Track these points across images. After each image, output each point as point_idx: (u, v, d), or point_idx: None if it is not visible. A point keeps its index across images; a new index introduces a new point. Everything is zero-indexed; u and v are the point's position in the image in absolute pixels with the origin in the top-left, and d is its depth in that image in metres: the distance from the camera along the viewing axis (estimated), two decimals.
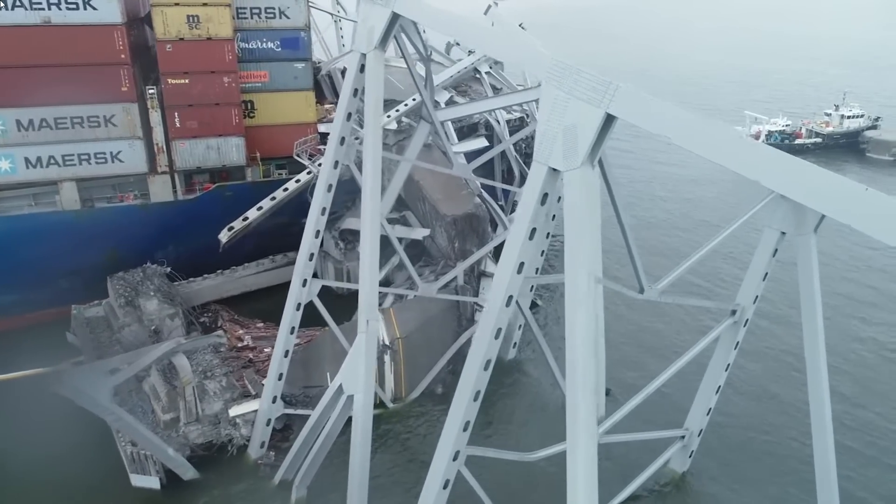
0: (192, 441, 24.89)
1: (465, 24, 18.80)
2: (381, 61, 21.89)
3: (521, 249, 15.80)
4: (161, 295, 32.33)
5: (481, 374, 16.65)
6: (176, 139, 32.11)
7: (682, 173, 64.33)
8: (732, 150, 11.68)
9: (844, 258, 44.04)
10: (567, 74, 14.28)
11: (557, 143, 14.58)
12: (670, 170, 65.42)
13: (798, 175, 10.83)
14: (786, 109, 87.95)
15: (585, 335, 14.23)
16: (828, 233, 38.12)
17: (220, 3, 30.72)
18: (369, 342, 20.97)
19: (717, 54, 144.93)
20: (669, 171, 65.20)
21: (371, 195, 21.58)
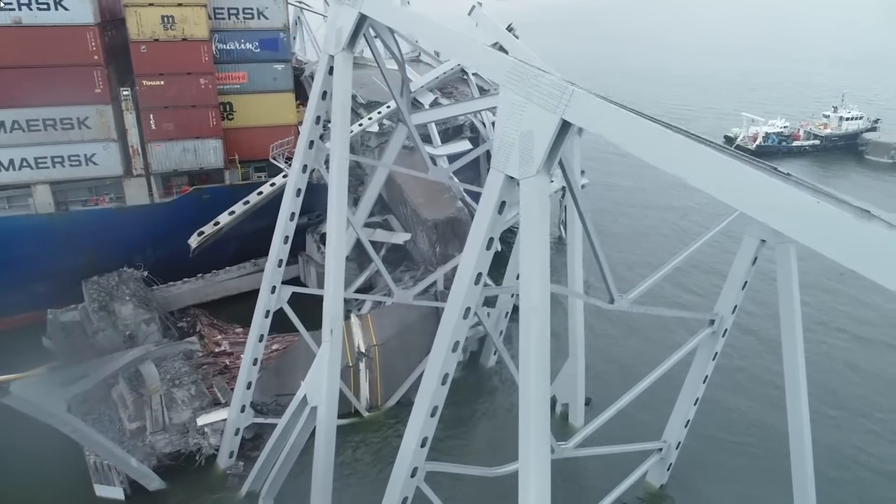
0: (159, 450, 24.33)
1: (428, 26, 18.25)
2: (349, 63, 21.36)
3: (478, 260, 15.23)
4: (136, 300, 31.82)
5: (439, 388, 16.08)
6: (151, 141, 31.58)
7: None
8: (689, 161, 11.01)
9: (827, 267, 43.26)
10: (524, 78, 13.73)
11: (514, 150, 14.03)
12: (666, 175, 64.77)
13: (753, 190, 10.15)
14: (784, 111, 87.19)
15: (538, 348, 13.64)
16: None
17: (196, 3, 30.21)
18: (333, 352, 20.41)
19: (717, 56, 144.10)
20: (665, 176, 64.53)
21: (337, 200, 21.06)
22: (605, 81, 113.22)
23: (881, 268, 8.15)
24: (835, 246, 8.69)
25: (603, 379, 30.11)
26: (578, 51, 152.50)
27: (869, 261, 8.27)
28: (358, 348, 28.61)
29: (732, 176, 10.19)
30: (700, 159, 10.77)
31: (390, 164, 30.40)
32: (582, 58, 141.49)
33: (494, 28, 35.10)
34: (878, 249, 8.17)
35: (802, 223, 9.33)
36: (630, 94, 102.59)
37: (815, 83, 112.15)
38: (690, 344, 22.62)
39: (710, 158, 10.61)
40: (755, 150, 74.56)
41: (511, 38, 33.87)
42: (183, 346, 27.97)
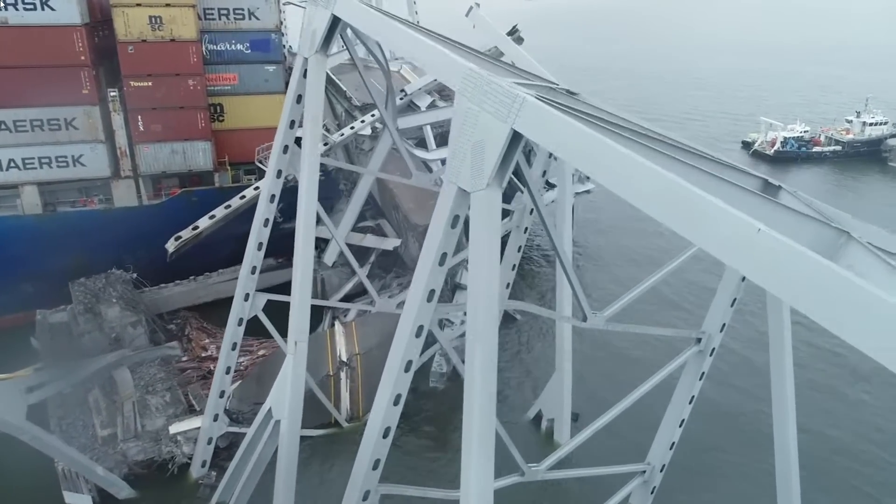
0: (131, 458, 23.97)
1: (392, 30, 17.54)
2: (322, 66, 20.85)
3: (431, 276, 14.46)
4: (123, 302, 31.58)
5: (391, 409, 15.34)
6: (140, 143, 31.32)
7: None
8: (639, 184, 9.97)
9: None
10: (478, 85, 12.92)
11: (466, 161, 13.23)
12: None
13: (700, 218, 9.14)
14: (806, 115, 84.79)
15: (484, 377, 12.80)
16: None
17: (184, 3, 29.85)
18: (297, 366, 19.77)
19: (741, 56, 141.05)
20: None
21: (306, 207, 20.49)
22: (617, 84, 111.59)
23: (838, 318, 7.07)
24: (789, 287, 7.67)
25: (598, 393, 29.07)
26: (600, 51, 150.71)
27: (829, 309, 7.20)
28: (339, 357, 28.00)
29: (680, 202, 9.23)
30: (646, 180, 9.83)
31: (375, 171, 29.90)
32: (603, 58, 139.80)
33: (492, 31, 34.14)
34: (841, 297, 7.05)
35: (745, 258, 8.38)
36: (645, 97, 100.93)
37: (841, 86, 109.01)
38: (676, 363, 21.56)
39: (657, 180, 9.62)
40: (773, 156, 72.56)
41: (509, 42, 32.89)
42: (161, 352, 27.60)
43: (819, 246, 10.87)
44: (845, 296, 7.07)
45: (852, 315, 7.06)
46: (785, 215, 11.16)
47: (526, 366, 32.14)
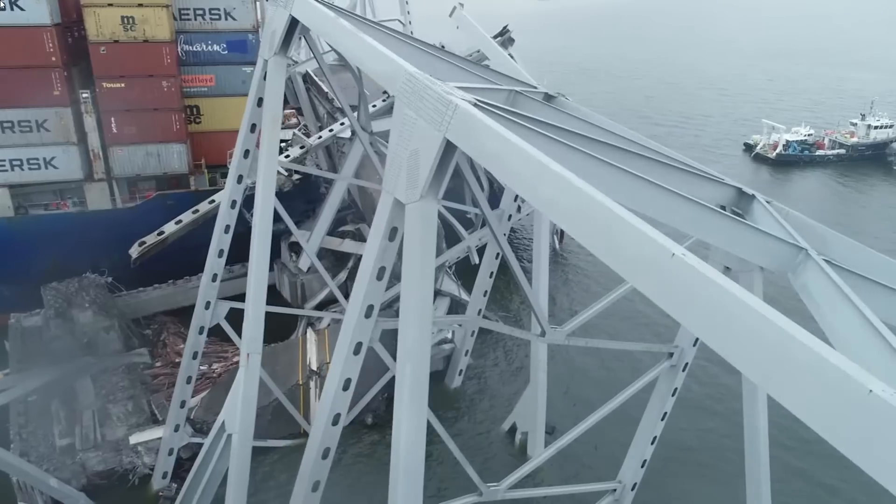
0: (90, 468, 23.42)
1: (340, 31, 16.86)
2: (282, 68, 20.20)
3: (368, 291, 13.74)
4: (96, 306, 31.08)
5: (329, 429, 14.66)
6: (113, 145, 30.80)
7: None
8: (557, 198, 9.12)
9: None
10: (416, 90, 12.19)
11: (403, 170, 12.51)
12: None
13: (614, 240, 8.28)
14: (812, 118, 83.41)
15: (413, 401, 12.07)
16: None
17: (157, 3, 29.30)
18: (249, 378, 19.10)
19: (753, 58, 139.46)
20: None
21: (262, 213, 19.84)
22: (623, 86, 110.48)
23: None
24: (699, 322, 6.86)
25: (577, 405, 28.26)
26: (610, 52, 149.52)
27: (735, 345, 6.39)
28: (309, 366, 27.35)
29: (593, 220, 8.41)
30: (564, 195, 9.02)
31: (348, 177, 29.27)
32: (611, 59, 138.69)
33: (476, 32, 33.32)
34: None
35: (655, 285, 7.56)
36: (649, 100, 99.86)
37: (850, 89, 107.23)
38: (647, 378, 20.78)
39: (573, 195, 8.81)
40: (775, 159, 71.35)
41: (492, 44, 32.05)
42: (126, 359, 27.05)
43: (775, 264, 10.12)
44: (759, 337, 6.24)
45: (765, 358, 6.23)
46: (739, 233, 10.38)
47: (505, 374, 31.37)
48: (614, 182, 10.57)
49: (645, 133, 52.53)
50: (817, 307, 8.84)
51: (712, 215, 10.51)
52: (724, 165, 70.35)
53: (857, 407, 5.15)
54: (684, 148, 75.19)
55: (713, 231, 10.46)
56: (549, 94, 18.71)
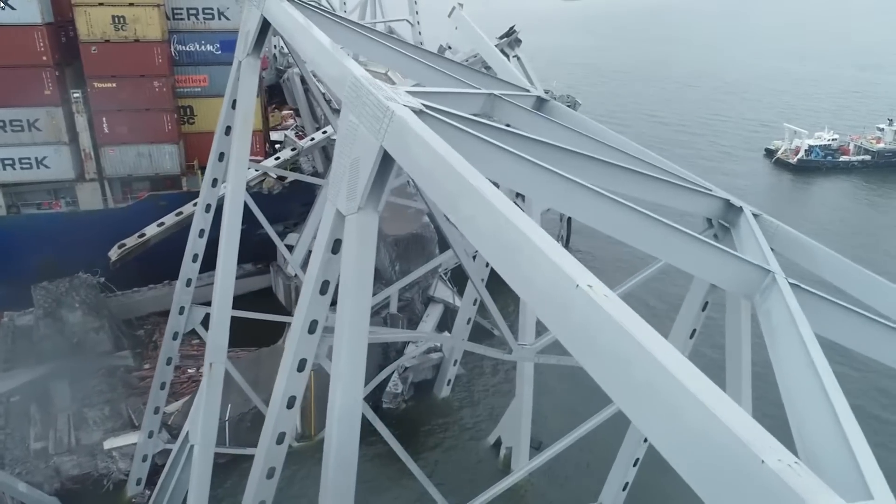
0: (64, 473, 23.17)
1: (303, 35, 16.26)
2: (255, 69, 19.77)
3: (311, 306, 13.04)
4: (86, 307, 30.97)
5: (273, 448, 14.01)
6: (104, 145, 30.67)
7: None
8: (481, 224, 8.17)
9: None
10: (359, 95, 11.48)
11: (344, 180, 11.81)
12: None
13: (521, 267, 7.43)
14: (838, 123, 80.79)
15: (344, 428, 11.38)
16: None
17: (148, 3, 29.06)
18: (211, 389, 18.57)
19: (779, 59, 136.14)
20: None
21: (230, 216, 19.37)
22: (642, 88, 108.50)
23: None
24: (596, 364, 6.05)
25: (567, 419, 27.29)
26: (631, 54, 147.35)
27: None
28: None
29: (504, 244, 7.57)
30: (481, 215, 8.18)
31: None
32: (633, 61, 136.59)
33: (474, 33, 32.46)
34: None
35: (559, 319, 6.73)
36: (668, 103, 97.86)
37: (881, 93, 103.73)
38: None
39: (487, 215, 7.98)
40: (796, 165, 69.13)
41: (489, 47, 31.15)
42: (108, 361, 26.81)
43: (740, 288, 9.27)
44: (651, 388, 5.40)
45: (655, 413, 5.40)
46: (702, 254, 9.49)
47: (496, 384, 30.51)
48: (572, 199, 9.72)
49: (662, 138, 52.32)
50: (770, 337, 8.01)
51: (673, 235, 9.62)
52: (743, 171, 68.50)
53: (745, 479, 4.34)
54: (702, 152, 73.39)
55: (675, 252, 9.60)
56: (541, 97, 17.85)
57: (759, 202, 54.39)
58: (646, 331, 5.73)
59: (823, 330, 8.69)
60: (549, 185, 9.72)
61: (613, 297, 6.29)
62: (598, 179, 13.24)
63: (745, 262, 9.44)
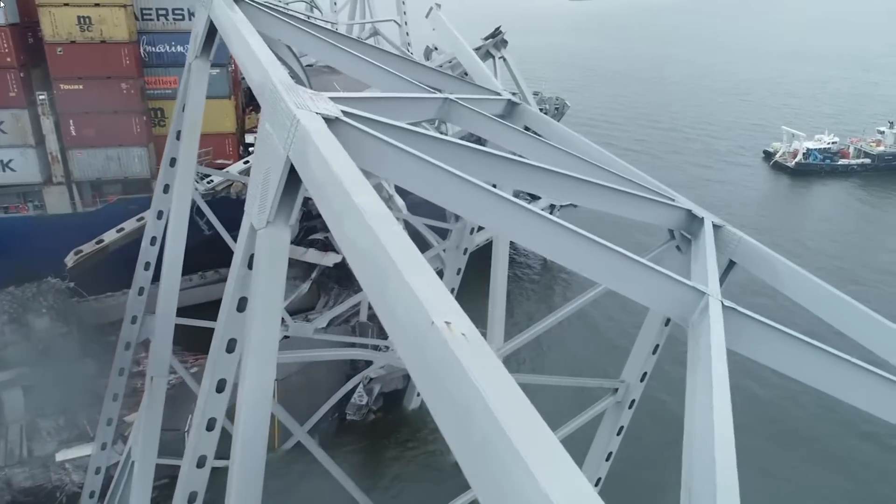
0: (16, 485, 22.58)
1: (236, 39, 15.56)
2: (204, 72, 19.03)
3: (228, 324, 12.30)
4: (54, 312, 30.42)
5: (194, 472, 13.31)
6: (72, 148, 30.10)
7: None
8: (360, 245, 7.47)
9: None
10: (274, 102, 10.78)
11: (258, 192, 11.12)
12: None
13: (387, 299, 6.78)
14: (839, 125, 79.69)
15: (250, 444, 10.64)
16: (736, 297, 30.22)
17: (115, 3, 28.47)
18: (152, 405, 17.93)
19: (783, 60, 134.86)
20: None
21: (176, 222, 18.74)
22: (641, 89, 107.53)
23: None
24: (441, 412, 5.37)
25: None
26: (633, 55, 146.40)
27: None
28: None
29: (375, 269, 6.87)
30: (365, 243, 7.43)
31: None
32: (635, 62, 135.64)
33: (450, 35, 31.69)
34: None
35: (413, 357, 6.01)
36: (667, 105, 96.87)
37: (884, 95, 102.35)
38: (590, 414, 19.08)
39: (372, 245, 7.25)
40: (794, 168, 68.09)
41: (465, 49, 30.35)
42: (71, 369, 26.20)
43: (676, 312, 8.60)
44: (487, 448, 4.70)
45: (488, 476, 4.67)
46: (635, 276, 8.77)
47: None
48: (503, 217, 8.95)
49: (658, 140, 50.86)
50: (692, 365, 7.37)
51: (606, 256, 8.92)
52: (741, 174, 67.56)
53: None
54: (699, 155, 72.42)
55: (608, 274, 8.91)
56: (512, 101, 17.13)
57: (754, 206, 53.85)
58: (496, 381, 5.02)
59: (755, 353, 7.87)
60: (476, 200, 8.98)
61: (474, 337, 5.57)
62: (552, 192, 12.46)
63: (680, 284, 8.76)
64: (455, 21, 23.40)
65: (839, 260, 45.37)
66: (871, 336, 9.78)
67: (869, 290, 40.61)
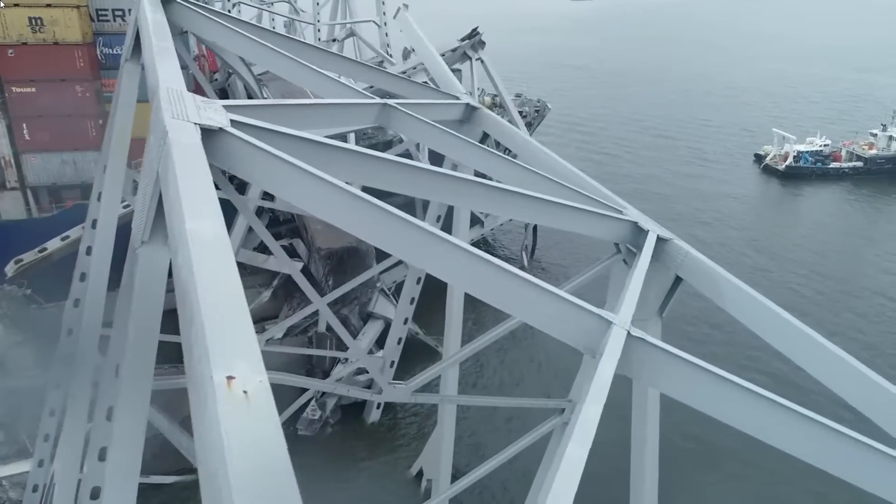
0: None
1: (147, 43, 14.79)
2: (134, 76, 18.41)
3: (114, 346, 11.58)
4: (8, 320, 29.64)
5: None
6: (26, 152, 29.33)
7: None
8: (185, 283, 6.74)
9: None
10: (156, 111, 10.02)
11: (141, 208, 10.35)
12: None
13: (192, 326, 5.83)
14: (835, 128, 78.78)
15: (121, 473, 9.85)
16: (685, 313, 28.90)
17: (67, 4, 27.71)
18: (74, 420, 17.13)
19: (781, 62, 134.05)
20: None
21: (103, 230, 18.04)
22: (632, 91, 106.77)
23: None
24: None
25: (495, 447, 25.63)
26: (631, 55, 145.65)
27: None
28: None
29: (190, 313, 6.13)
30: (186, 279, 6.67)
31: (256, 199, 27.49)
32: (631, 62, 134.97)
33: (416, 36, 30.85)
34: None
35: None
36: (658, 106, 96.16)
37: (882, 96, 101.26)
38: (536, 434, 18.32)
39: (188, 285, 6.47)
40: (784, 172, 67.21)
41: (429, 52, 29.50)
42: (14, 381, 25.41)
43: (582, 343, 7.75)
44: None
45: None
46: (541, 304, 8.09)
47: (428, 408, 28.87)
48: (395, 236, 8.22)
49: (646, 144, 50.03)
50: (591, 397, 6.83)
51: (511, 282, 8.22)
52: (731, 178, 66.79)
53: None
54: (689, 159, 71.54)
55: (516, 303, 8.22)
56: (471, 105, 16.38)
57: (740, 211, 52.66)
58: (256, 452, 4.30)
59: (656, 383, 7.46)
60: (370, 221, 8.23)
61: (257, 394, 4.84)
62: (485, 206, 11.72)
63: (586, 312, 8.09)
64: (453, 23, 22.64)
65: (823, 266, 44.53)
66: (810, 358, 9.32)
67: (856, 299, 39.89)
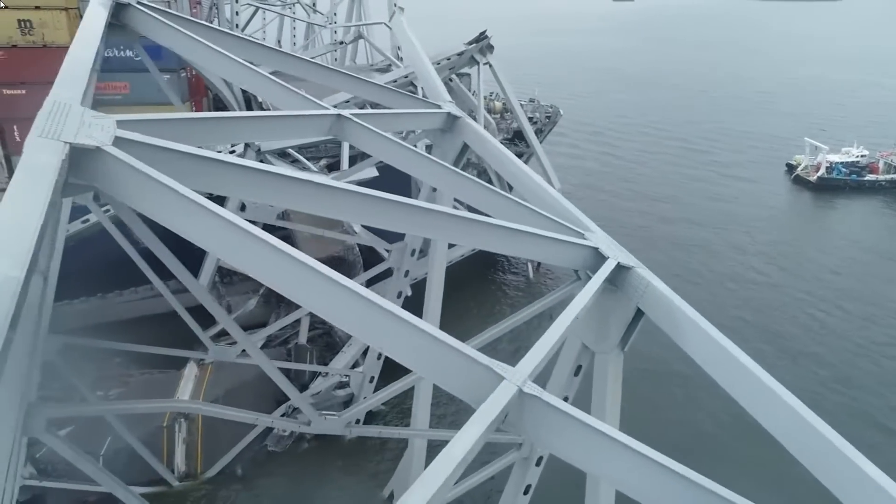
0: None
1: None
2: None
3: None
4: None
5: None
6: (16, 154, 29.33)
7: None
8: None
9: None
10: (39, 125, 9.38)
11: None
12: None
13: None
14: (878, 137, 75.17)
15: None
16: (649, 348, 27.08)
17: (56, 6, 27.55)
18: None
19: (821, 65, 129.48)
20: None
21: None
22: (667, 95, 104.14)
23: None
24: None
25: None
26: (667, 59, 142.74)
27: None
28: None
29: None
30: None
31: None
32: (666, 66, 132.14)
33: (406, 38, 29.92)
34: None
35: None
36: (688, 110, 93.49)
37: None
38: (493, 468, 17.35)
39: None
40: (816, 183, 64.22)
41: (419, 56, 28.53)
42: None
43: (469, 396, 6.88)
44: None
45: None
46: (435, 354, 7.31)
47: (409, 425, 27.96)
48: (279, 271, 7.42)
49: (673, 151, 48.35)
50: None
51: (402, 329, 7.44)
52: (760, 188, 64.17)
53: None
54: (721, 168, 69.14)
55: (406, 351, 7.43)
56: (452, 114, 15.57)
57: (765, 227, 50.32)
58: None
59: (542, 441, 6.73)
60: (251, 253, 7.38)
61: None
62: (431, 232, 10.85)
63: (477, 363, 7.20)
64: (494, 24, 21.75)
65: (844, 288, 42.18)
66: (763, 408, 8.24)
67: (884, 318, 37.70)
